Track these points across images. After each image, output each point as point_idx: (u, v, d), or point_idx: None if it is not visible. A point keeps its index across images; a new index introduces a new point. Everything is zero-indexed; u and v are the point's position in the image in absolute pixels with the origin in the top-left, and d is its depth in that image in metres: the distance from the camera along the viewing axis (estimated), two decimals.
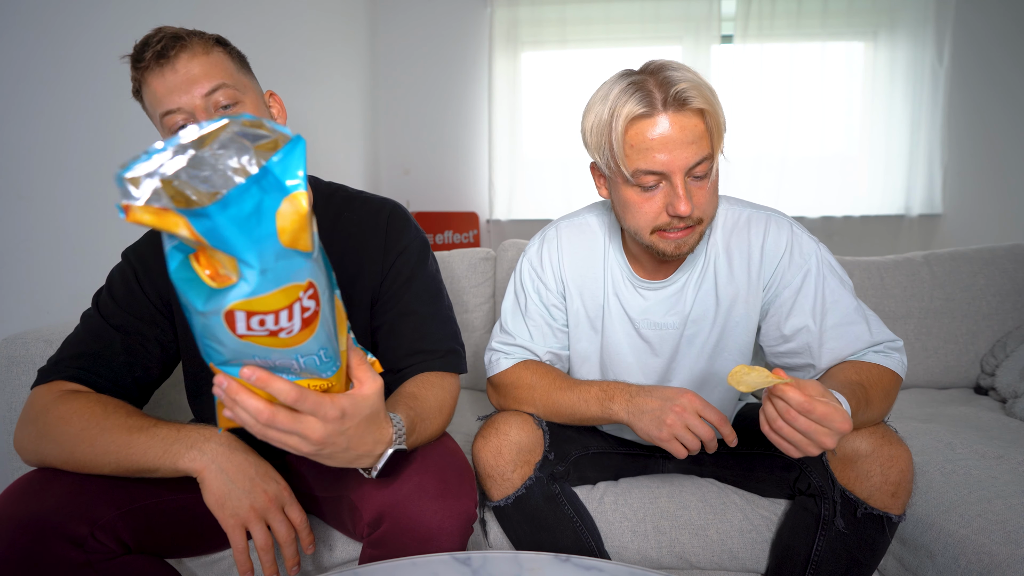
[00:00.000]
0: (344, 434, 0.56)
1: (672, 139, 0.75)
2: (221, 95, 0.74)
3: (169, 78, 0.73)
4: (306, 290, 0.43)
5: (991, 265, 1.54)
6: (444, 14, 3.05)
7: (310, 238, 0.41)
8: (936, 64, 2.84)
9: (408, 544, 0.71)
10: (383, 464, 0.64)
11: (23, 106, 1.08)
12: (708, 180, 0.80)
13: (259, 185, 0.38)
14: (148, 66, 0.73)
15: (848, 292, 0.87)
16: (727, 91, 2.93)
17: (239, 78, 0.78)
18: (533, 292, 1.00)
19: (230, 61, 0.78)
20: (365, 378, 0.58)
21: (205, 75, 0.74)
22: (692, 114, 0.75)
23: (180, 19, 1.48)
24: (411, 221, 0.94)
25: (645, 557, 1.01)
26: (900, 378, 0.84)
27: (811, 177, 2.97)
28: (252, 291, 0.41)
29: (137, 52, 0.74)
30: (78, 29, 1.19)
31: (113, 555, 0.72)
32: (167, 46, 0.73)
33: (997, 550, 0.81)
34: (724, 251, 0.91)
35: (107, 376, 0.80)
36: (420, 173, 3.15)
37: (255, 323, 0.43)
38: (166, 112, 0.74)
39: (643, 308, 0.95)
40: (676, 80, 0.75)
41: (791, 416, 0.66)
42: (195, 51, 0.74)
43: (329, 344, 0.49)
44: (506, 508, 0.93)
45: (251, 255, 0.39)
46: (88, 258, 1.22)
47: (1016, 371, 1.37)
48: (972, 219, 2.93)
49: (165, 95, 0.73)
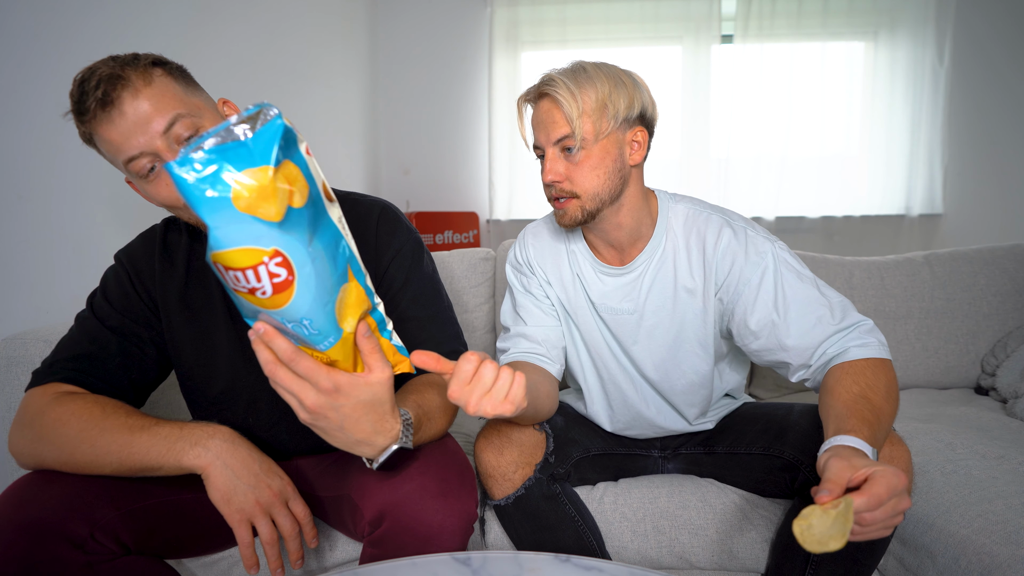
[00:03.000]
0: (337, 411, 0.58)
1: (539, 120, 0.90)
2: (180, 127, 0.70)
3: (119, 124, 0.67)
4: (272, 256, 0.47)
5: (991, 265, 1.54)
6: (444, 14, 3.05)
7: (276, 209, 0.46)
8: (936, 64, 2.83)
9: (409, 543, 0.71)
10: (385, 458, 0.64)
11: (23, 106, 1.08)
12: (576, 156, 0.88)
13: (223, 154, 0.44)
14: (94, 115, 0.68)
15: (807, 284, 0.90)
16: (727, 91, 2.93)
17: (189, 101, 0.72)
18: (519, 286, 1.06)
19: (174, 83, 0.72)
20: (374, 366, 0.59)
21: (156, 111, 0.68)
22: (549, 100, 0.88)
23: (180, 19, 1.48)
24: (402, 221, 0.93)
25: (645, 557, 1.01)
26: (888, 360, 0.84)
27: (811, 177, 2.97)
28: (212, 244, 0.46)
29: (77, 104, 0.68)
30: (78, 29, 1.19)
31: (113, 556, 0.72)
32: (107, 90, 0.67)
33: (998, 550, 0.81)
34: (684, 246, 0.95)
35: (103, 377, 0.80)
36: (420, 173, 3.15)
37: (232, 278, 0.48)
38: (129, 159, 0.69)
39: (602, 292, 0.99)
40: (550, 74, 0.88)
41: (871, 520, 0.61)
42: (137, 86, 0.68)
43: (314, 316, 0.52)
44: (507, 507, 0.94)
45: (204, 213, 0.45)
46: (87, 258, 1.22)
47: (1017, 371, 1.37)
48: (972, 219, 2.93)
49: (122, 142, 0.68)
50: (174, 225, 0.89)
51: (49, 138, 1.13)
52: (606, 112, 0.87)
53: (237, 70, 1.74)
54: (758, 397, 1.58)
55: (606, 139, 0.88)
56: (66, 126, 0.72)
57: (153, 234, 0.89)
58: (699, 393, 1.01)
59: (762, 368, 1.60)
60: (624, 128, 0.90)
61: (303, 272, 0.50)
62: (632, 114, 0.89)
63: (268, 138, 0.45)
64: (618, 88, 0.87)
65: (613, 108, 0.87)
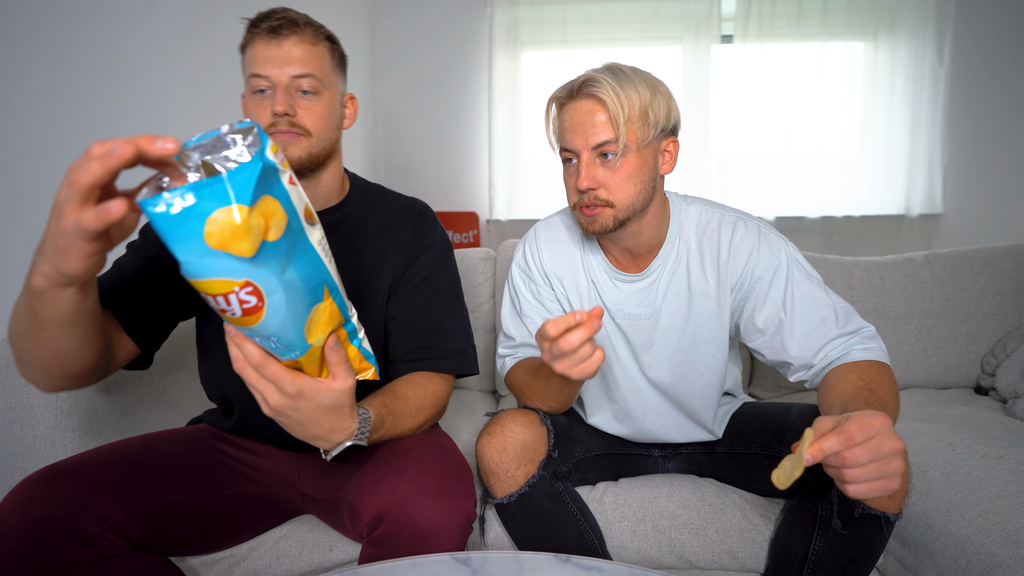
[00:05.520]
0: (299, 411, 0.60)
1: (577, 121, 0.86)
2: (306, 82, 0.82)
3: (272, 51, 0.81)
4: (243, 287, 0.49)
5: (991, 265, 1.54)
6: (444, 14, 3.05)
7: (249, 246, 0.46)
8: (936, 64, 2.84)
9: (407, 543, 0.71)
10: (338, 452, 0.67)
11: (23, 106, 1.08)
12: (615, 163, 0.86)
13: (198, 192, 0.43)
14: (260, 33, 0.81)
15: (815, 285, 0.91)
16: (727, 91, 2.93)
17: (329, 74, 0.85)
18: (525, 290, 1.04)
19: (329, 57, 0.86)
20: (338, 375, 0.62)
21: (301, 61, 0.81)
22: (593, 101, 0.85)
23: (180, 19, 1.48)
24: (439, 223, 0.98)
25: (645, 557, 1.01)
26: (889, 365, 0.86)
27: (811, 177, 2.97)
28: (183, 271, 0.47)
29: (257, 20, 0.82)
30: (78, 29, 1.19)
31: (120, 552, 0.73)
32: (282, 26, 0.81)
33: (997, 550, 0.81)
34: (697, 249, 0.95)
35: (118, 283, 0.80)
36: (420, 173, 3.15)
37: (203, 296, 0.49)
38: (255, 74, 0.82)
39: (618, 299, 0.99)
40: (592, 74, 0.85)
41: (849, 458, 0.59)
42: (304, 37, 0.82)
43: (282, 335, 0.54)
44: (509, 505, 0.94)
45: (175, 249, 0.45)
46: None
47: (1016, 371, 1.37)
48: (972, 219, 2.93)
49: (262, 61, 0.81)
50: None
51: (49, 138, 1.13)
52: (647, 120, 0.85)
53: (237, 70, 1.74)
54: (758, 397, 1.58)
55: (646, 148, 0.87)
56: (66, 125, 0.72)
57: None
58: (715, 396, 1.00)
59: (762, 368, 1.60)
60: (661, 138, 0.89)
61: (273, 299, 0.51)
62: (669, 124, 0.88)
63: (246, 177, 0.45)
64: (656, 96, 0.86)
65: (654, 116, 0.85)
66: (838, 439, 0.59)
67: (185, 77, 1.50)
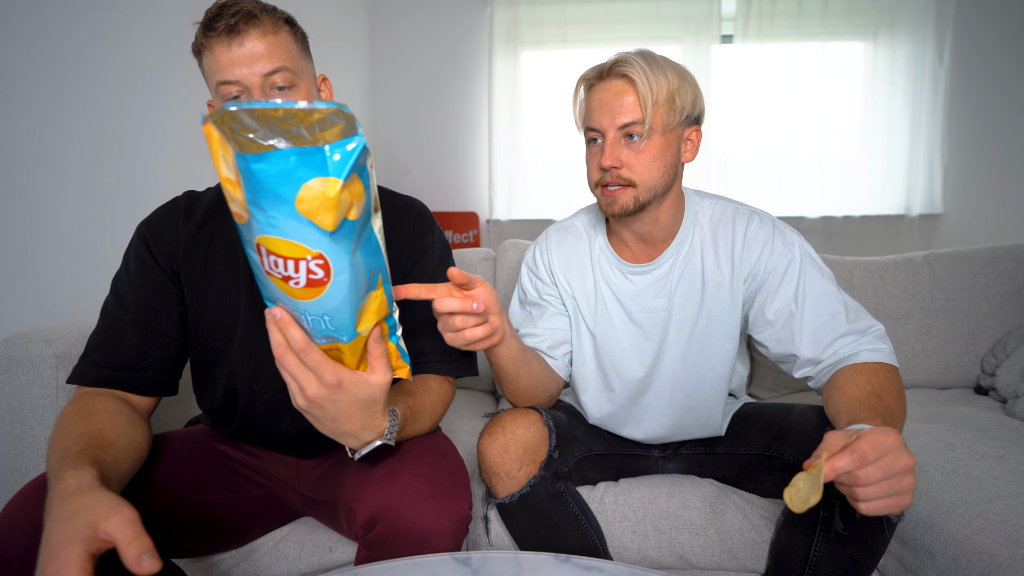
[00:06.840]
0: (334, 403, 0.59)
1: (606, 101, 0.87)
2: (279, 77, 0.77)
3: (235, 51, 0.75)
4: (315, 257, 0.49)
5: (991, 265, 1.54)
6: (444, 14, 3.05)
7: (333, 220, 0.47)
8: (936, 64, 2.84)
9: (402, 545, 0.71)
10: (367, 451, 0.66)
11: (22, 106, 1.08)
12: (640, 144, 0.87)
13: (301, 158, 0.44)
14: (219, 36, 0.75)
15: (827, 279, 0.91)
16: (727, 91, 2.93)
17: (298, 62, 0.81)
18: (532, 289, 1.06)
19: (294, 43, 0.80)
20: (377, 368, 0.61)
21: (268, 55, 0.76)
22: (624, 81, 0.86)
23: (179, 18, 1.48)
24: (436, 223, 0.97)
25: (645, 557, 1.01)
26: (897, 368, 0.86)
27: (811, 177, 2.97)
28: (261, 228, 0.48)
29: (210, 20, 0.76)
30: (78, 29, 1.19)
31: None
32: (239, 22, 0.75)
33: (997, 550, 0.81)
34: (711, 240, 0.96)
35: (121, 366, 0.80)
36: (420, 173, 3.15)
37: (271, 263, 0.50)
38: (223, 82, 0.76)
39: (633, 293, 0.99)
40: (624, 55, 0.87)
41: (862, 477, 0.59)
42: (265, 29, 0.76)
43: (337, 315, 0.54)
44: (511, 506, 0.94)
45: (264, 201, 0.46)
46: (87, 258, 1.22)
47: (1016, 371, 1.37)
48: (972, 219, 2.93)
49: (227, 66, 0.75)
50: (196, 196, 0.91)
51: (49, 138, 1.13)
52: (674, 105, 0.88)
53: None
54: (758, 397, 1.58)
55: (670, 132, 0.89)
56: (66, 126, 0.72)
57: (176, 204, 0.90)
58: (724, 387, 1.00)
59: (762, 368, 1.60)
60: (685, 125, 0.91)
61: (339, 278, 0.51)
62: (694, 113, 0.91)
63: (347, 154, 0.45)
64: (684, 83, 0.88)
65: (680, 102, 0.88)
66: (850, 458, 0.58)
67: (185, 77, 1.50)
